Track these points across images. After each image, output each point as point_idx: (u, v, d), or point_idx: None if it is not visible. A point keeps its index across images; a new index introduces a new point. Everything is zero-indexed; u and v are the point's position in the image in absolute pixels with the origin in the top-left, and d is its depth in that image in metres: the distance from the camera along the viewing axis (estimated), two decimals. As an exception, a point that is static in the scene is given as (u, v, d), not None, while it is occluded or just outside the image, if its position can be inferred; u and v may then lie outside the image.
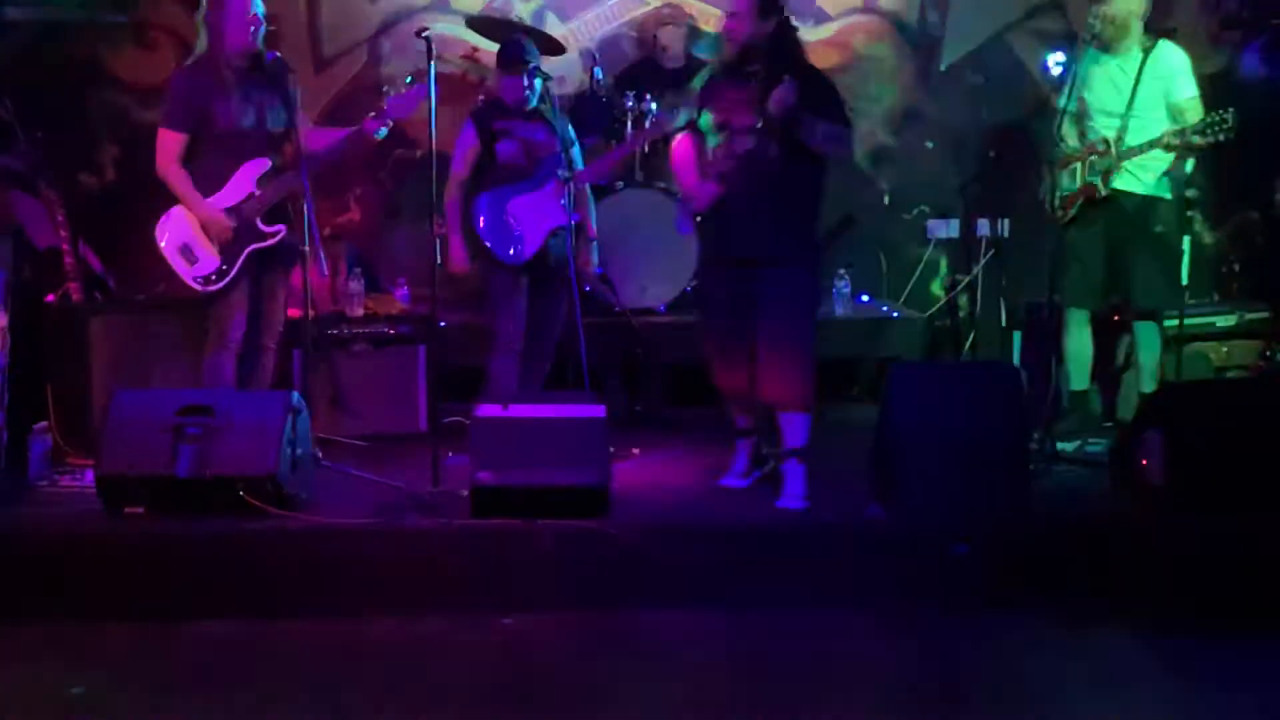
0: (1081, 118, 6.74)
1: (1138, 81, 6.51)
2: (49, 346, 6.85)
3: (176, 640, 5.04)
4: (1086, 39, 6.62)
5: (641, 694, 4.55)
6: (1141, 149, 6.52)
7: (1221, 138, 6.28)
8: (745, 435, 6.15)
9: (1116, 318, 7.11)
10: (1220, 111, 6.30)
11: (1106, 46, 6.67)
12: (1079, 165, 6.68)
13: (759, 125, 5.68)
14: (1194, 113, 6.52)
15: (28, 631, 5.05)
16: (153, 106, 7.99)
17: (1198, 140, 6.35)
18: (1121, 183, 6.62)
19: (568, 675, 4.74)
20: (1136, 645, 4.98)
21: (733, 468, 6.17)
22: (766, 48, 5.76)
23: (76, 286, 7.15)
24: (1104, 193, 6.58)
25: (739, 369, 5.92)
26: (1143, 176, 6.64)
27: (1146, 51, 6.56)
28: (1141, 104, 6.55)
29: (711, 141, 5.91)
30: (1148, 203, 6.68)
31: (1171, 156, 6.62)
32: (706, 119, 5.91)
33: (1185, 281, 7.29)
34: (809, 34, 8.67)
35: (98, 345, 6.88)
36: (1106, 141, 6.56)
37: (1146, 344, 6.82)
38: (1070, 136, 6.76)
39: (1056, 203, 6.73)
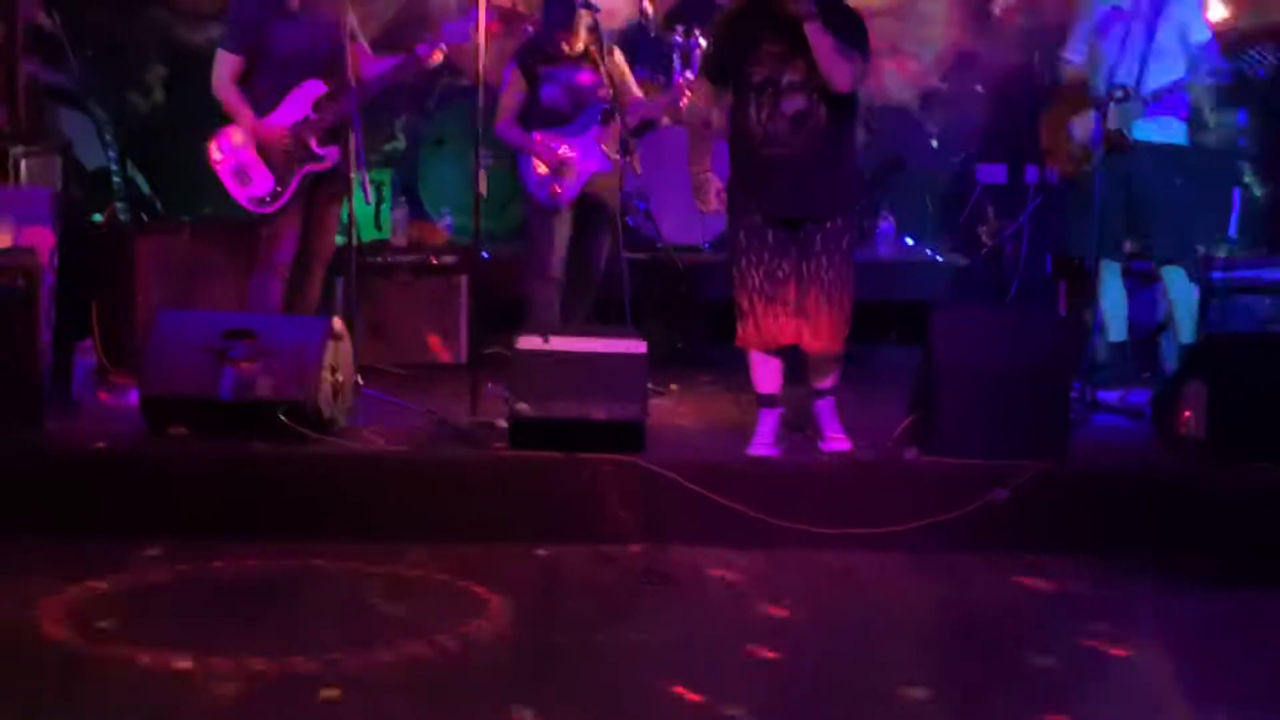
0: (1095, 65, 6.63)
1: (1154, 25, 6.35)
2: (95, 265, 6.91)
3: (213, 561, 5.06)
4: None
5: (670, 619, 4.59)
6: (1171, 90, 6.40)
7: (1261, 72, 6.19)
8: (771, 404, 5.78)
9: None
10: (1260, 46, 6.23)
11: None
12: (1094, 114, 6.54)
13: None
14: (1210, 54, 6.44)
15: (66, 546, 5.08)
16: (202, 28, 8.03)
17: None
18: (1141, 131, 6.49)
19: (598, 601, 4.78)
20: (1174, 596, 4.97)
21: (759, 437, 5.76)
22: None
23: (123, 206, 7.19)
24: (1131, 140, 6.42)
25: (775, 330, 5.67)
26: (1163, 123, 6.54)
27: None
28: (1159, 48, 6.37)
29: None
30: (1167, 151, 6.57)
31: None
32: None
33: (1234, 234, 7.20)
34: (862, -27, 8.59)
35: (143, 265, 6.94)
36: (1125, 89, 6.34)
37: (1178, 293, 6.73)
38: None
39: (1077, 153, 6.63)
